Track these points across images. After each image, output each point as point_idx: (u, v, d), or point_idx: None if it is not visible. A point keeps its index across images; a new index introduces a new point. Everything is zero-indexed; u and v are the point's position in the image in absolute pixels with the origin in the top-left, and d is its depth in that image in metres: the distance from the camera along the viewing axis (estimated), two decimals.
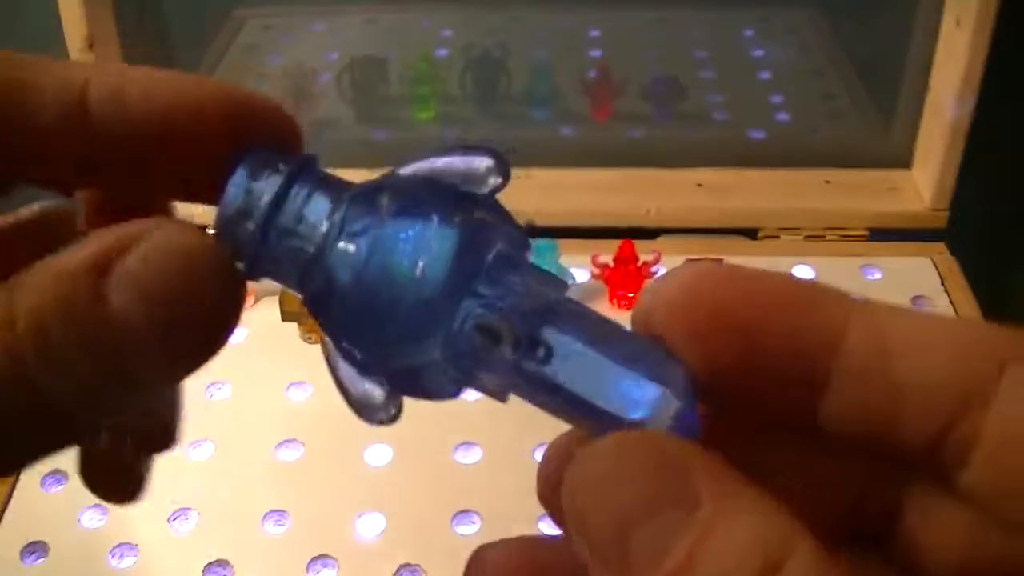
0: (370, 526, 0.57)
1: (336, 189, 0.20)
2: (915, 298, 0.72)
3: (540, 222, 0.78)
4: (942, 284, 0.73)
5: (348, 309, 0.19)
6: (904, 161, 0.80)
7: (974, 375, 0.18)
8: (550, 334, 0.18)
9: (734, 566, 0.16)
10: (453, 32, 0.86)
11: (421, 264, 0.18)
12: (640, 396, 0.18)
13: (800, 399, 0.19)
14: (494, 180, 0.20)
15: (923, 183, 0.78)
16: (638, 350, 0.18)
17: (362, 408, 0.19)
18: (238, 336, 0.69)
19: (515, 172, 0.20)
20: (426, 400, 0.20)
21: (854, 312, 0.19)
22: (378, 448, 0.62)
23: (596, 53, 0.86)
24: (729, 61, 0.87)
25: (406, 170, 0.20)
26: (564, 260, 0.70)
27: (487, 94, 0.83)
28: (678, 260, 0.71)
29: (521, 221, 0.20)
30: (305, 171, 0.19)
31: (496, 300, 0.18)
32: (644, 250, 0.70)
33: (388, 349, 0.19)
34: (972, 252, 0.76)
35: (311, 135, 0.88)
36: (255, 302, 0.71)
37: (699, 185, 0.80)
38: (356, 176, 0.21)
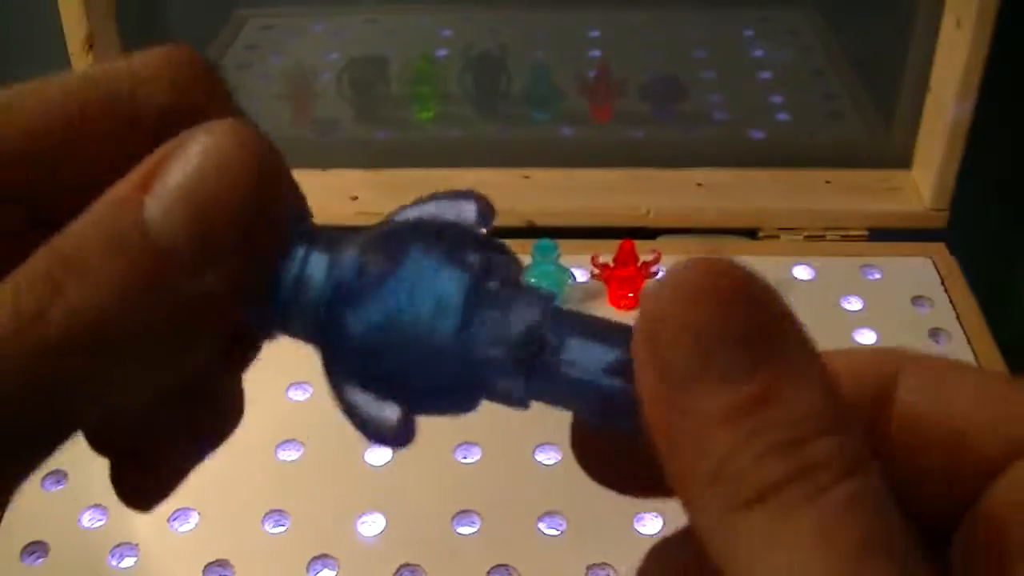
0: (370, 526, 0.57)
1: (329, 242, 0.20)
2: (915, 298, 0.72)
3: (540, 222, 0.78)
4: (942, 284, 0.73)
5: (365, 358, 0.19)
6: (904, 161, 0.80)
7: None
8: (559, 335, 0.19)
9: (800, 417, 0.16)
10: (453, 32, 0.86)
11: (435, 306, 0.19)
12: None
13: None
14: (482, 223, 0.20)
15: (923, 183, 0.78)
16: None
17: (376, 432, 0.19)
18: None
19: (515, 172, 0.20)
20: (444, 416, 0.20)
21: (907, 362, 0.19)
22: (378, 448, 0.62)
23: (596, 53, 0.86)
24: (729, 61, 0.87)
25: (399, 218, 0.20)
26: (564, 260, 0.70)
27: (487, 94, 0.83)
28: (678, 260, 0.71)
29: (521, 221, 0.20)
30: (300, 233, 0.20)
31: (511, 318, 0.19)
32: (644, 250, 0.70)
33: (409, 382, 0.19)
34: (972, 252, 0.76)
35: (311, 135, 0.89)
36: None
37: (699, 185, 0.80)
38: (356, 176, 0.21)
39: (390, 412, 0.19)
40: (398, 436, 0.19)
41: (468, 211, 0.20)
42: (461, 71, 0.82)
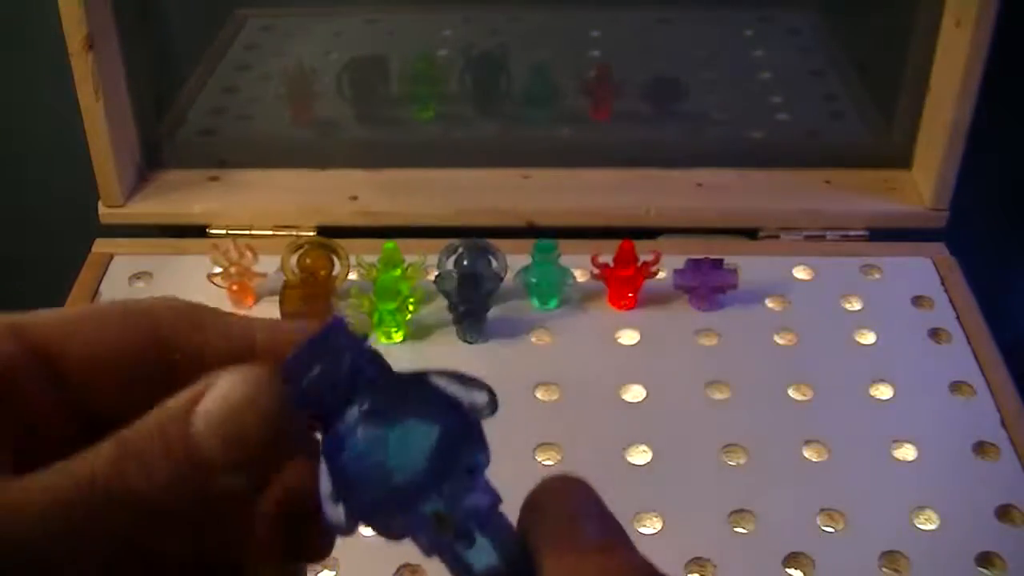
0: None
1: (364, 368, 0.25)
2: (915, 298, 0.72)
3: (540, 222, 0.78)
4: (942, 284, 0.73)
5: (347, 469, 0.24)
6: (904, 161, 0.80)
7: None
8: (476, 534, 0.24)
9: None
10: (453, 32, 0.86)
11: (409, 454, 0.23)
12: None
13: None
14: (487, 413, 0.24)
15: (923, 183, 0.78)
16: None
17: (328, 519, 0.24)
18: None
19: (515, 172, 0.20)
20: (375, 533, 0.24)
21: None
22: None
23: (596, 53, 0.86)
24: (729, 61, 0.87)
25: (421, 376, 0.25)
26: (564, 260, 0.70)
27: (487, 94, 0.83)
28: (678, 260, 0.71)
29: (521, 221, 0.21)
30: (355, 369, 0.24)
31: (451, 499, 0.24)
32: (644, 250, 0.70)
33: (367, 502, 0.24)
34: (972, 252, 0.76)
35: (311, 135, 0.89)
36: (255, 302, 0.71)
37: (699, 185, 0.80)
38: (356, 176, 0.22)
39: (340, 512, 0.24)
40: (342, 527, 0.24)
41: (480, 399, 0.24)
42: (461, 71, 0.82)
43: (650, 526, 0.57)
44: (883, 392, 0.65)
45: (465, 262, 0.68)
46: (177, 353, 0.25)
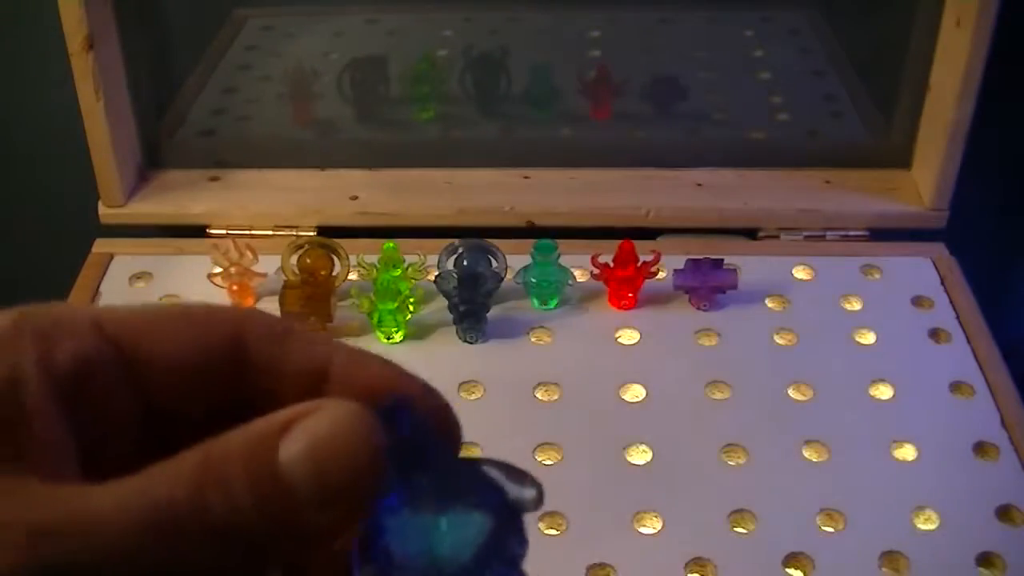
0: None
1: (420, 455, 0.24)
2: (915, 298, 0.72)
3: (540, 222, 0.78)
4: (942, 284, 0.73)
5: (391, 549, 0.23)
6: (904, 161, 0.80)
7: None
8: None
9: None
10: (453, 32, 0.86)
11: (457, 543, 0.23)
12: None
13: None
14: (533, 508, 0.25)
15: (923, 183, 0.78)
16: None
17: None
18: None
19: (515, 172, 0.20)
20: None
21: None
22: None
23: (596, 53, 0.86)
24: (729, 61, 0.87)
25: (473, 462, 0.25)
26: (564, 260, 0.70)
27: (487, 94, 0.83)
28: (678, 260, 0.71)
29: (521, 221, 0.21)
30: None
31: None
32: (644, 250, 0.70)
33: None
34: (972, 252, 0.76)
35: (311, 135, 0.89)
36: (255, 302, 0.71)
37: (699, 185, 0.80)
38: (356, 176, 0.22)
39: None
40: None
41: (528, 494, 0.25)
42: (461, 71, 0.82)
43: (650, 526, 0.57)
44: (883, 392, 0.65)
45: (465, 262, 0.68)
46: (255, 362, 0.25)
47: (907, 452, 0.61)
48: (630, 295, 0.70)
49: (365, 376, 0.25)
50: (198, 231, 0.78)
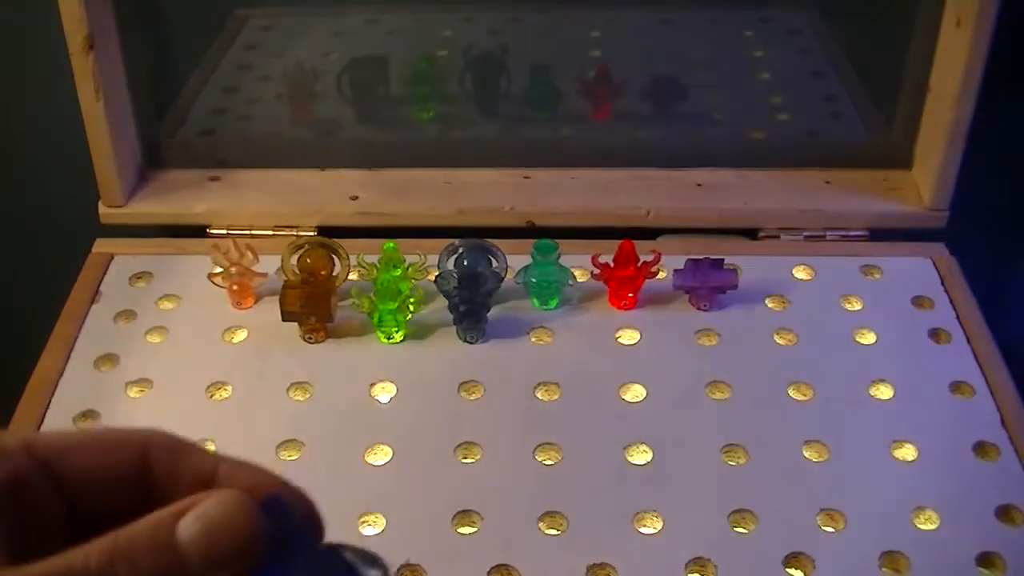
0: (370, 526, 0.57)
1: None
2: (915, 298, 0.72)
3: (540, 222, 0.78)
4: (942, 284, 0.73)
5: None
6: (904, 161, 0.80)
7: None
8: None
9: None
10: (453, 32, 0.86)
11: None
12: None
13: None
14: None
15: (923, 183, 0.78)
16: None
17: None
18: (239, 336, 0.69)
19: (515, 172, 0.20)
20: None
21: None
22: (378, 448, 0.62)
23: (596, 53, 0.85)
24: (729, 61, 0.87)
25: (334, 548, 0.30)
26: (564, 260, 0.70)
27: (487, 94, 0.83)
28: (678, 260, 0.71)
29: (521, 221, 0.21)
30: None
31: None
32: (644, 250, 0.70)
33: None
34: (972, 252, 0.76)
35: (311, 135, 0.89)
36: (255, 302, 0.71)
37: (699, 185, 0.80)
38: (356, 176, 0.22)
39: None
40: None
41: (373, 574, 0.30)
42: (461, 71, 0.82)
43: (650, 526, 0.57)
44: (883, 392, 0.65)
45: (465, 262, 0.68)
46: (157, 471, 0.31)
47: (907, 452, 0.61)
48: (630, 295, 0.70)
49: (244, 478, 0.30)
50: (198, 231, 0.78)
